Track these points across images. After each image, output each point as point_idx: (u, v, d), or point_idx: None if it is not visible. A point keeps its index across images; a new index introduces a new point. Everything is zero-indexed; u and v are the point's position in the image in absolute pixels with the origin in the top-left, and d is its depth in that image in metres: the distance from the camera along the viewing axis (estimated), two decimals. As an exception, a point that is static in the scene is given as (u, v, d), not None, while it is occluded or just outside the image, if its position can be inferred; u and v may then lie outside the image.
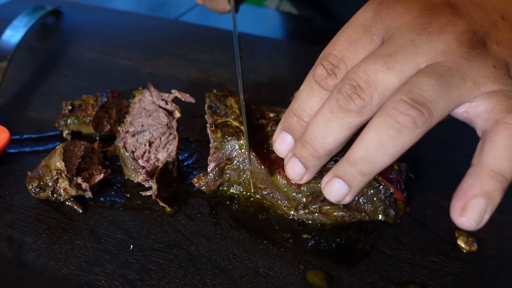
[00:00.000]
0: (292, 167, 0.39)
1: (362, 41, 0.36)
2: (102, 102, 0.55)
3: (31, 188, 0.45)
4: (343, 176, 0.36)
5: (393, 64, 0.33)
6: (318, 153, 0.37)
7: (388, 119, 0.32)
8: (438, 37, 0.33)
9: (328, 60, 0.36)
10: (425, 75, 0.32)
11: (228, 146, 0.47)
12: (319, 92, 0.37)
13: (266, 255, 0.42)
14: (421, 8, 0.35)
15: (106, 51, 0.76)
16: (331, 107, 0.35)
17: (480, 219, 0.32)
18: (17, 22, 0.71)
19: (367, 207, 0.44)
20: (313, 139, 0.36)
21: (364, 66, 0.34)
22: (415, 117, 0.31)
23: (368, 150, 0.33)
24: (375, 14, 0.36)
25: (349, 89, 0.34)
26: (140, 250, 0.42)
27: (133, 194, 0.48)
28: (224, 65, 0.74)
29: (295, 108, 0.38)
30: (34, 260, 0.40)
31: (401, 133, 0.32)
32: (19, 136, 0.55)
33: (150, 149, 0.51)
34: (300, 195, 0.45)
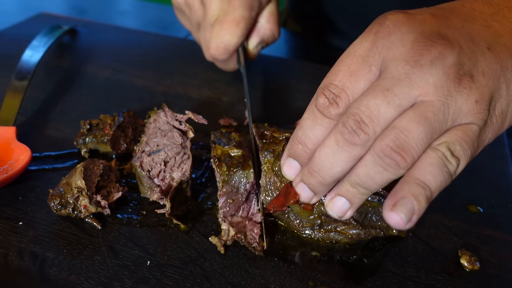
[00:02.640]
0: (301, 191, 0.42)
1: (361, 71, 0.38)
2: (119, 121, 0.57)
3: (53, 205, 0.47)
4: (344, 194, 0.40)
5: (392, 98, 0.36)
6: (325, 181, 0.40)
7: (376, 158, 0.36)
8: (429, 70, 0.36)
9: (330, 90, 0.39)
10: (414, 121, 0.36)
11: (236, 178, 0.49)
12: (322, 120, 0.39)
13: (277, 271, 0.44)
14: (414, 39, 0.37)
15: (120, 70, 0.79)
16: (337, 140, 0.37)
17: (409, 217, 0.35)
18: (36, 42, 0.74)
19: (381, 223, 0.47)
20: (320, 169, 0.39)
21: (366, 101, 0.36)
22: (398, 161, 0.36)
23: (361, 179, 0.38)
24: (372, 45, 0.38)
25: (354, 124, 0.36)
26: (156, 266, 0.44)
27: (149, 211, 0.50)
28: (235, 84, 0.76)
29: (299, 136, 0.41)
30: (57, 274, 0.42)
31: (386, 171, 0.36)
32: (39, 154, 0.57)
33: (165, 168, 0.53)
34: (312, 217, 0.47)
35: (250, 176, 0.49)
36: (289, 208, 0.47)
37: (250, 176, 0.49)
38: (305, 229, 0.48)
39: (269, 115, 0.69)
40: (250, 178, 0.49)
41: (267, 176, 0.47)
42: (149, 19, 1.13)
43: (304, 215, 0.47)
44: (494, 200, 0.55)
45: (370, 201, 0.45)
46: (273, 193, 0.47)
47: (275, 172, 0.47)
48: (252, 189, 0.49)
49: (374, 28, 0.39)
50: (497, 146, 0.65)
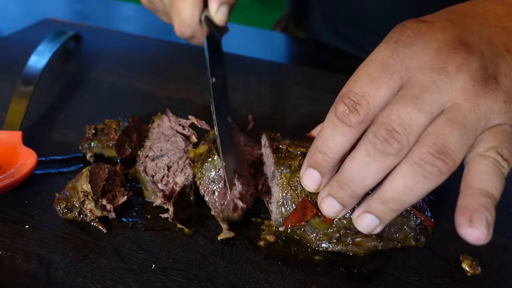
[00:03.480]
0: (329, 206, 0.41)
1: (382, 78, 0.38)
2: (124, 126, 0.58)
3: (59, 209, 0.48)
4: (374, 212, 0.39)
5: (423, 106, 0.36)
6: (356, 193, 0.39)
7: (417, 168, 0.35)
8: (456, 76, 0.36)
9: (349, 97, 0.38)
10: (448, 124, 0.35)
11: (207, 170, 0.50)
12: (342, 129, 0.38)
13: (280, 275, 0.44)
14: (437, 47, 0.37)
15: (125, 75, 0.80)
16: (368, 151, 0.37)
17: (488, 229, 0.35)
18: (42, 48, 0.75)
19: (398, 235, 0.46)
20: (351, 181, 0.38)
21: (396, 110, 0.36)
22: (441, 167, 0.35)
23: (397, 192, 0.37)
24: (393, 53, 0.38)
25: (386, 133, 0.36)
26: (161, 269, 0.44)
27: (153, 215, 0.51)
28: (237, 90, 0.77)
29: (319, 145, 0.40)
30: (63, 277, 0.43)
31: (428, 179, 0.35)
32: (44, 158, 0.58)
33: (168, 173, 0.53)
34: (331, 230, 0.46)
35: (216, 162, 0.49)
36: (307, 221, 0.46)
37: (216, 162, 0.49)
38: (322, 242, 0.47)
39: (271, 121, 0.70)
40: (218, 165, 0.49)
41: (284, 191, 0.46)
42: (152, 25, 1.14)
43: (322, 227, 0.46)
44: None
45: None
46: (290, 208, 0.46)
47: (292, 187, 0.46)
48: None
49: (394, 37, 0.38)
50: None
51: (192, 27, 0.62)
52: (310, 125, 0.71)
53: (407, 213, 0.45)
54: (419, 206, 0.46)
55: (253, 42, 1.07)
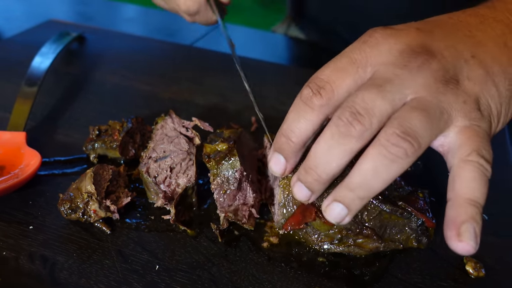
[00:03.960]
0: (298, 191, 0.41)
1: (348, 69, 0.39)
2: (127, 127, 0.58)
3: (63, 209, 0.48)
4: (342, 200, 0.38)
5: (386, 93, 0.37)
6: (322, 178, 0.39)
7: (382, 150, 0.36)
8: (417, 73, 0.38)
9: (315, 82, 0.40)
10: (413, 110, 0.36)
11: (224, 170, 0.50)
12: (305, 112, 0.39)
13: (283, 277, 0.45)
14: (400, 49, 0.39)
15: (127, 76, 0.80)
16: (332, 134, 0.37)
17: (476, 241, 0.36)
18: (45, 49, 0.75)
19: (400, 236, 0.46)
20: (316, 165, 0.38)
21: (360, 95, 0.37)
22: (406, 148, 0.35)
23: (365, 177, 0.37)
24: (361, 51, 0.40)
25: (349, 115, 0.37)
26: (165, 270, 0.44)
27: (157, 216, 0.51)
28: (241, 92, 0.77)
29: (284, 129, 0.41)
30: (67, 278, 0.43)
31: (394, 162, 0.36)
32: (48, 159, 0.58)
33: (171, 174, 0.53)
34: (332, 231, 0.46)
35: (237, 164, 0.50)
36: (308, 223, 0.46)
37: (236, 165, 0.50)
38: (323, 243, 0.47)
39: (273, 122, 0.70)
40: (237, 166, 0.50)
41: (285, 192, 0.46)
42: (155, 26, 1.14)
43: (324, 228, 0.46)
44: (499, 208, 0.55)
45: (389, 213, 0.45)
46: (291, 209, 0.46)
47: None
48: (241, 176, 0.50)
49: (363, 38, 0.41)
50: (501, 154, 0.65)
51: (198, 3, 0.65)
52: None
53: (408, 214, 0.45)
54: (420, 207, 0.46)
55: (254, 44, 1.07)
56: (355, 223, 0.45)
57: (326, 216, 0.40)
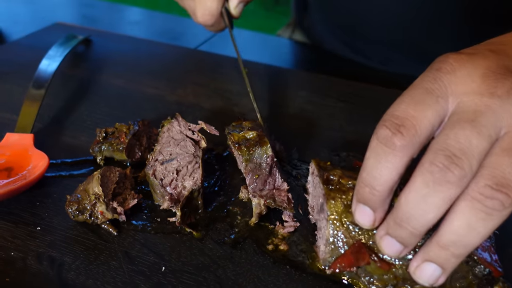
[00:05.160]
0: (388, 246, 0.38)
1: (427, 100, 0.35)
2: (134, 130, 0.59)
3: (70, 211, 0.48)
4: (435, 260, 0.35)
5: (481, 128, 0.34)
6: (417, 231, 0.35)
7: (476, 204, 0.33)
8: (508, 100, 0.34)
9: (391, 120, 0.35)
10: (505, 156, 0.33)
11: (256, 155, 0.52)
12: (386, 155, 0.35)
13: (289, 279, 0.45)
14: (482, 74, 0.36)
15: (133, 79, 0.81)
16: (426, 182, 0.33)
17: None
18: (52, 52, 0.76)
19: (462, 282, 0.42)
20: (410, 217, 0.35)
21: (453, 134, 0.34)
22: (502, 200, 0.32)
23: (459, 234, 0.34)
24: (436, 79, 0.36)
25: (445, 159, 0.33)
26: (171, 272, 0.45)
27: (163, 218, 0.51)
28: (246, 95, 0.77)
29: (364, 178, 0.37)
30: (74, 279, 0.43)
31: (491, 215, 0.33)
32: (55, 161, 0.58)
33: (177, 177, 0.54)
34: (386, 276, 0.42)
35: (268, 151, 0.52)
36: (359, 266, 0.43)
37: (268, 151, 0.52)
38: (376, 287, 0.43)
39: (277, 125, 0.70)
40: (268, 152, 0.52)
41: (335, 228, 0.43)
42: (160, 30, 1.15)
43: (378, 273, 0.42)
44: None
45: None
46: (341, 248, 0.43)
47: (345, 225, 0.43)
48: (272, 162, 0.52)
49: (435, 65, 0.37)
50: None
51: (215, 17, 0.71)
52: (315, 129, 0.71)
53: (473, 263, 0.41)
54: (486, 251, 0.42)
55: (259, 47, 1.08)
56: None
57: (417, 278, 0.37)
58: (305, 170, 0.61)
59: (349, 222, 0.43)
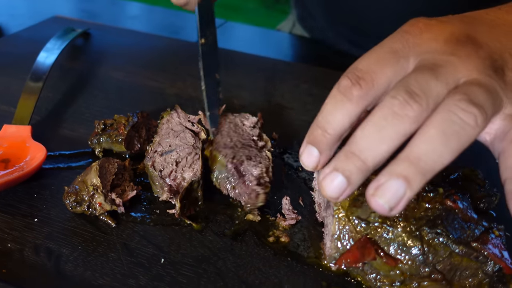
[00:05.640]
0: (331, 182, 0.35)
1: (389, 60, 0.37)
2: (133, 122, 0.58)
3: (68, 202, 0.48)
4: (404, 176, 0.33)
5: (439, 75, 0.35)
6: (366, 165, 0.34)
7: (452, 115, 0.33)
8: (467, 59, 0.36)
9: (353, 72, 0.37)
10: (474, 85, 0.35)
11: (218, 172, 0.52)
12: (343, 103, 0.37)
13: (290, 271, 0.44)
14: (446, 38, 0.38)
15: (133, 72, 0.80)
16: (383, 114, 0.34)
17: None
18: (50, 45, 0.75)
19: (472, 281, 0.41)
20: (362, 149, 0.34)
21: (413, 76, 0.35)
22: (477, 115, 0.33)
23: (434, 143, 0.32)
24: (402, 41, 0.38)
25: (406, 94, 0.34)
26: (170, 263, 0.44)
27: (162, 210, 0.51)
28: (245, 88, 0.77)
29: (319, 120, 0.38)
30: (72, 270, 0.43)
31: (464, 130, 0.33)
32: (53, 153, 0.58)
33: (177, 168, 0.53)
34: (393, 273, 0.41)
35: (223, 161, 0.51)
36: (365, 262, 0.42)
37: (223, 162, 0.51)
38: (382, 284, 0.42)
39: (279, 119, 0.70)
40: (224, 163, 0.51)
41: (340, 223, 0.42)
42: (159, 24, 1.14)
43: (385, 269, 0.42)
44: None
45: (461, 255, 0.40)
46: (347, 243, 0.43)
47: (351, 220, 0.42)
48: (234, 167, 0.51)
49: (405, 27, 0.39)
50: None
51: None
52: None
53: (484, 258, 0.40)
54: (496, 248, 0.41)
55: (259, 42, 1.07)
56: (423, 265, 0.41)
57: (377, 198, 0.33)
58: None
59: (355, 217, 0.42)
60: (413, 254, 0.41)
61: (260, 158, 0.53)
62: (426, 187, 0.43)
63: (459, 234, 0.41)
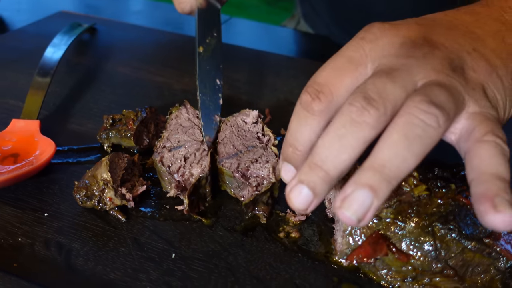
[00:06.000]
0: (297, 195, 0.35)
1: (347, 68, 0.38)
2: (142, 117, 0.58)
3: (78, 197, 0.48)
4: (370, 184, 0.32)
5: (396, 78, 0.35)
6: (329, 175, 0.34)
7: (413, 118, 0.32)
8: (424, 60, 0.36)
9: (312, 86, 0.38)
10: (434, 86, 0.34)
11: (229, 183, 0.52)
12: (306, 119, 0.37)
13: (301, 267, 0.44)
14: (402, 42, 0.38)
15: (139, 67, 0.80)
16: (343, 123, 0.34)
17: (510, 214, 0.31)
18: (57, 40, 0.75)
19: (483, 277, 0.41)
20: (324, 159, 0.34)
21: (370, 81, 0.35)
22: (438, 115, 0.33)
23: (397, 148, 0.32)
24: (358, 48, 0.38)
25: (363, 100, 0.33)
26: (181, 258, 0.44)
27: (171, 205, 0.51)
28: (254, 84, 0.77)
29: (288, 138, 0.39)
30: (83, 265, 0.43)
31: (426, 132, 0.32)
32: (61, 148, 0.58)
33: (185, 164, 0.53)
34: (405, 268, 0.41)
35: (228, 173, 0.51)
36: (378, 258, 0.42)
37: (228, 173, 0.51)
38: (394, 280, 0.42)
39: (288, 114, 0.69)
40: (230, 174, 0.50)
41: None
42: (163, 19, 1.14)
43: (397, 265, 0.41)
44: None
45: (473, 251, 0.40)
46: (359, 239, 0.42)
47: None
48: (241, 173, 0.50)
49: (361, 34, 0.39)
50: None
51: (189, 3, 0.63)
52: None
53: (496, 255, 0.40)
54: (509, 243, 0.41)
55: (266, 37, 1.07)
56: (436, 261, 0.41)
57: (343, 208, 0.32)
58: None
59: None
60: (425, 250, 0.41)
61: (266, 157, 0.52)
62: (439, 183, 0.43)
63: (472, 230, 0.41)
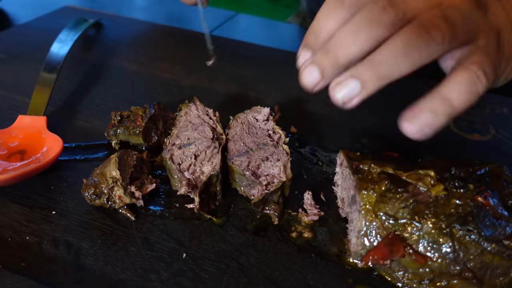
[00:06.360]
0: (307, 74, 0.38)
1: None
2: (150, 113, 0.57)
3: (87, 195, 0.47)
4: (360, 76, 0.36)
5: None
6: (338, 61, 0.36)
7: (421, 30, 0.34)
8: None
9: None
10: (450, 7, 0.36)
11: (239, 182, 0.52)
12: (335, 9, 0.38)
13: (315, 268, 0.43)
14: None
15: (146, 63, 0.79)
16: (362, 17, 0.35)
17: (426, 130, 0.35)
18: (63, 35, 0.74)
19: (502, 279, 0.40)
20: (337, 45, 0.36)
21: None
22: (446, 32, 0.34)
23: (396, 52, 0.34)
24: None
25: (385, 1, 0.35)
26: (192, 258, 0.43)
27: (181, 204, 0.50)
28: (262, 80, 0.76)
29: (313, 26, 0.39)
30: (92, 264, 0.42)
31: (428, 45, 0.34)
32: (69, 144, 0.57)
33: (195, 162, 0.52)
34: (422, 270, 0.41)
35: (239, 171, 0.50)
36: (394, 259, 0.41)
37: (239, 171, 0.50)
38: (410, 282, 0.41)
39: (297, 111, 0.68)
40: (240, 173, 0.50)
41: (367, 219, 0.42)
42: (168, 15, 1.12)
43: (413, 266, 0.41)
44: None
45: (493, 253, 0.40)
46: (374, 240, 0.42)
47: (378, 216, 0.41)
48: (252, 171, 0.50)
49: None
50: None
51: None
52: (334, 115, 0.69)
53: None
54: None
55: (273, 34, 1.06)
56: (454, 263, 0.40)
57: (335, 93, 0.37)
58: (325, 156, 0.59)
59: (382, 213, 0.41)
60: (443, 252, 0.40)
61: (277, 155, 0.51)
62: (456, 183, 0.42)
63: (491, 231, 0.40)
